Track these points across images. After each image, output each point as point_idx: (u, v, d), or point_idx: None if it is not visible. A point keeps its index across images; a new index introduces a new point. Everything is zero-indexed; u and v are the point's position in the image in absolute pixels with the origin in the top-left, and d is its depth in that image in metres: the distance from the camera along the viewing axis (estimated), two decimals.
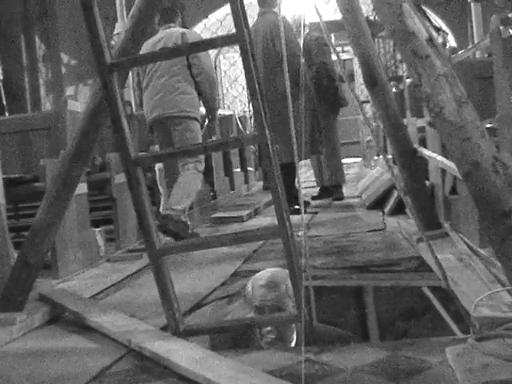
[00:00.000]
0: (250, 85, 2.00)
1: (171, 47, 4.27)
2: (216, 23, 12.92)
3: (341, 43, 12.09)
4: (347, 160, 10.84)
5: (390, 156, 4.53)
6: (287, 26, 5.43)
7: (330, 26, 2.92)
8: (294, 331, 2.57)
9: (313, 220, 5.30)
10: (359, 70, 6.27)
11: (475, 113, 1.97)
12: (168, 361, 1.98)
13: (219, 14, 12.75)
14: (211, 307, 3.00)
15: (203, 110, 5.10)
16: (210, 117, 5.07)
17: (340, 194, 6.55)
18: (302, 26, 4.95)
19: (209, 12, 12.86)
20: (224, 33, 11.40)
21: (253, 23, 5.65)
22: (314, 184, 7.20)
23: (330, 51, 6.63)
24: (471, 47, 3.89)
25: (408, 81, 5.64)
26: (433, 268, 2.97)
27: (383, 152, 5.58)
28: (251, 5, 6.76)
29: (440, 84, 1.96)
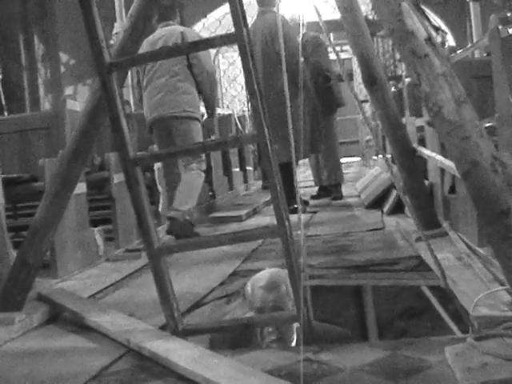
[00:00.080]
0: (249, 84, 2.00)
1: (170, 46, 4.27)
2: (215, 23, 12.91)
3: (339, 42, 12.07)
4: (346, 159, 10.85)
5: (389, 155, 4.53)
6: (286, 26, 5.43)
7: (329, 26, 2.91)
8: (295, 331, 2.56)
9: (312, 219, 5.30)
10: (358, 70, 6.26)
11: (474, 112, 1.96)
12: (167, 360, 1.98)
13: (218, 14, 12.75)
14: (210, 307, 3.00)
15: (202, 109, 5.10)
16: (210, 112, 5.07)
17: (339, 194, 6.55)
18: (301, 26, 4.95)
19: (208, 11, 12.87)
20: (223, 32, 11.39)
21: (252, 22, 5.65)
22: (313, 183, 7.21)
23: (328, 51, 6.64)
24: (470, 46, 3.90)
25: (407, 80, 5.65)
26: (432, 267, 2.97)
27: (382, 151, 5.58)
28: (250, 4, 6.76)
29: (439, 83, 1.96)
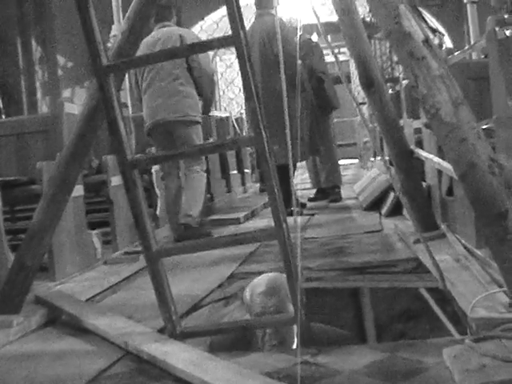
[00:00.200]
0: (247, 87, 2.00)
1: (168, 49, 4.26)
2: (212, 25, 12.91)
3: (337, 45, 12.09)
4: (344, 161, 10.84)
5: (387, 157, 4.53)
6: (284, 28, 5.44)
7: (326, 28, 2.92)
8: (295, 335, 2.55)
9: (310, 221, 5.30)
10: (356, 72, 6.27)
11: (471, 114, 1.97)
12: (165, 363, 1.98)
13: (215, 16, 12.75)
14: (208, 309, 3.00)
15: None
16: (205, 111, 5.08)
17: (337, 196, 6.54)
18: (298, 28, 4.96)
19: (205, 14, 12.87)
20: (220, 35, 11.39)
21: (250, 25, 5.65)
22: (310, 186, 7.20)
23: (322, 53, 6.64)
24: (467, 48, 3.89)
25: (404, 82, 5.65)
26: (430, 269, 2.97)
27: (381, 153, 5.58)
28: (247, 6, 6.77)
29: (436, 85, 1.96)
